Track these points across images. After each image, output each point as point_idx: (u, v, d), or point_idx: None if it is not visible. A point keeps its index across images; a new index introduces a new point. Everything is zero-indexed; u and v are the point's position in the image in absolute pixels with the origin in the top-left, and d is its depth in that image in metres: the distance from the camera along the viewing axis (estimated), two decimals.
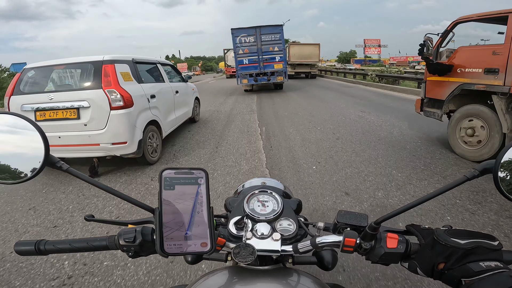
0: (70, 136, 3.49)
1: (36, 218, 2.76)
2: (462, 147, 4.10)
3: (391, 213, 0.53)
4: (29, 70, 3.76)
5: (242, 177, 3.52)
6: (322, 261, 0.67)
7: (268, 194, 0.72)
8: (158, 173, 0.50)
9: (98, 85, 3.46)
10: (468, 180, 0.48)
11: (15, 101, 3.58)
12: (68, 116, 3.45)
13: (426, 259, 0.51)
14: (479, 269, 0.45)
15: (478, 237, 0.49)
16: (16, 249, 0.57)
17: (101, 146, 3.52)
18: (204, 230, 0.49)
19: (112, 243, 0.56)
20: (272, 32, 12.33)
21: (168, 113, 4.95)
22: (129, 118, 3.57)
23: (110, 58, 3.67)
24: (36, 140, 0.50)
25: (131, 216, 2.72)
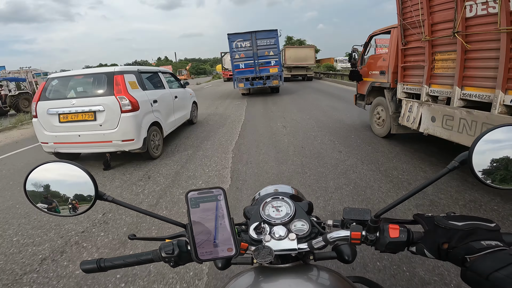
0: (88, 134, 4.27)
1: None
2: (376, 127, 5.70)
3: (388, 206, 0.59)
4: (53, 79, 4.55)
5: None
6: (342, 255, 0.70)
7: (280, 200, 0.78)
8: (184, 196, 0.59)
9: (111, 92, 4.23)
10: (451, 171, 0.52)
11: (42, 106, 4.34)
12: (87, 118, 4.22)
13: (431, 241, 0.56)
14: (480, 247, 0.48)
15: (475, 220, 0.54)
16: (82, 268, 0.67)
17: (113, 142, 4.29)
18: (228, 237, 0.56)
19: (156, 256, 0.65)
20: (267, 37, 12.63)
21: (168, 115, 5.71)
22: (136, 119, 4.34)
23: (119, 70, 4.48)
24: (86, 180, 0.63)
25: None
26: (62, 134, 4.35)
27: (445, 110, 3.64)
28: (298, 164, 4.23)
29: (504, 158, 0.52)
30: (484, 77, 3.21)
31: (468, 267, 0.48)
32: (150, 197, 3.46)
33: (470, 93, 3.34)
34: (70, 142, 4.37)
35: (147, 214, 0.65)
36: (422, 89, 4.12)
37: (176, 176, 4.06)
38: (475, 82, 3.28)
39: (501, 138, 0.52)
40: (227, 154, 4.91)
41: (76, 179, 0.62)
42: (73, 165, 0.63)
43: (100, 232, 2.76)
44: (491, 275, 0.43)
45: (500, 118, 2.97)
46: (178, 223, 0.65)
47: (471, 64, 3.31)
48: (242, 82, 13.05)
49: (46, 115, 4.33)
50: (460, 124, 3.43)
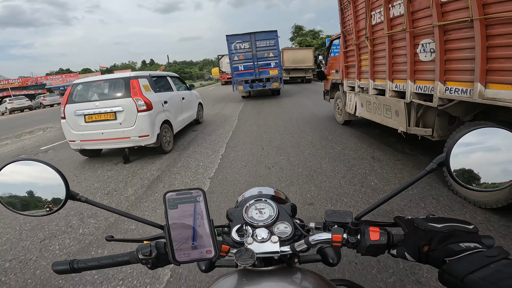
0: (110, 132, 4.95)
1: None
2: (337, 116, 6.85)
3: (368, 208, 0.60)
4: (77, 84, 5.28)
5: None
6: (326, 258, 0.71)
7: (264, 202, 0.78)
8: (162, 197, 0.58)
9: (128, 95, 4.92)
10: (429, 173, 0.54)
11: (69, 108, 5.03)
12: (108, 118, 4.91)
13: (411, 243, 0.56)
14: (459, 249, 0.49)
15: (454, 222, 0.55)
16: (54, 269, 0.65)
17: (131, 138, 4.96)
18: (207, 239, 0.56)
19: (132, 258, 0.65)
20: (267, 38, 12.34)
21: (177, 115, 6.38)
22: (150, 117, 5.01)
23: (134, 75, 5.19)
24: (56, 179, 0.61)
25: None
26: (87, 133, 5.00)
27: (366, 97, 4.78)
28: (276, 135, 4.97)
29: (477, 160, 0.54)
30: (382, 71, 4.19)
31: (445, 270, 0.48)
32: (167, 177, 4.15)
33: (377, 84, 4.42)
34: (95, 140, 5.03)
35: (122, 215, 0.64)
36: (355, 82, 5.21)
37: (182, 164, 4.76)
38: (379, 75, 4.34)
39: (474, 141, 0.53)
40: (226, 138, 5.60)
41: (46, 178, 0.61)
42: (43, 164, 0.62)
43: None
44: (466, 277, 0.43)
45: (390, 100, 3.97)
46: (155, 224, 0.64)
47: (377, 62, 4.34)
48: (241, 84, 12.84)
49: (73, 116, 5.00)
50: (374, 107, 4.53)
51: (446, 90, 2.85)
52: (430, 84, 3.08)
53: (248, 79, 12.71)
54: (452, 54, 2.74)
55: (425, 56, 3.08)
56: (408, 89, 3.44)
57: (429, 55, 3.02)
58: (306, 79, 22.03)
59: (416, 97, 3.40)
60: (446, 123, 3.26)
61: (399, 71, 3.69)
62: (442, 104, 2.95)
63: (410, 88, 3.41)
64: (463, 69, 2.62)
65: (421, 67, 3.20)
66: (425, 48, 3.05)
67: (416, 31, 3.16)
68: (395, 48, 3.71)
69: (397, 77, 3.78)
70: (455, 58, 2.71)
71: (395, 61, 3.74)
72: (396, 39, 3.64)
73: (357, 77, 5.04)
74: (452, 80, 2.78)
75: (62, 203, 0.62)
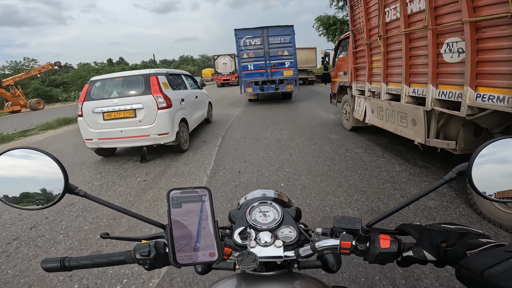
0: (129, 130, 4.83)
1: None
2: (344, 121, 6.36)
3: (381, 216, 0.57)
4: (95, 81, 5.10)
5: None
6: (327, 264, 0.69)
7: (268, 204, 0.75)
8: (166, 194, 0.55)
9: (149, 92, 4.82)
10: (447, 183, 0.51)
11: (87, 105, 4.89)
12: (128, 115, 4.81)
13: (428, 242, 0.55)
14: (480, 243, 0.48)
15: (465, 226, 0.55)
16: (43, 266, 0.61)
17: (151, 136, 4.86)
18: (211, 241, 0.53)
19: (129, 257, 0.61)
20: (282, 34, 10.74)
21: (192, 113, 6.30)
22: (170, 115, 4.92)
23: (154, 72, 5.08)
24: (56, 170, 0.57)
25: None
26: (106, 131, 4.83)
27: (378, 102, 4.31)
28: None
29: (501, 171, 0.52)
30: (397, 74, 3.74)
31: (462, 265, 0.47)
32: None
33: (391, 88, 3.96)
34: (113, 138, 4.89)
35: (122, 212, 0.60)
36: (365, 86, 4.72)
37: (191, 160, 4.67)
38: (393, 78, 3.88)
39: (499, 151, 0.51)
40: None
41: (44, 169, 0.57)
42: (42, 153, 0.58)
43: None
44: (485, 272, 0.42)
45: (406, 107, 3.51)
46: (157, 223, 0.60)
47: (391, 63, 3.89)
48: (250, 86, 11.14)
49: (91, 114, 4.84)
50: (386, 114, 4.08)
51: (478, 97, 2.45)
52: (456, 89, 2.70)
53: (259, 80, 11.10)
54: (486, 55, 2.39)
55: (451, 57, 2.76)
56: (429, 95, 3.04)
57: (456, 55, 2.69)
58: (309, 80, 21.34)
59: (438, 104, 2.99)
60: (472, 135, 2.88)
61: (418, 74, 3.35)
62: (472, 113, 2.53)
63: (432, 94, 3.01)
64: (500, 72, 2.28)
65: (446, 69, 2.87)
66: (451, 48, 2.74)
67: (440, 28, 2.83)
68: (413, 48, 3.38)
69: (415, 81, 3.39)
70: (489, 59, 2.36)
71: (413, 62, 3.40)
72: (415, 37, 3.31)
73: (368, 80, 4.59)
74: (485, 86, 2.40)
75: (59, 196, 0.58)
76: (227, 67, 27.26)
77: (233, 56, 25.93)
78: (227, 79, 27.13)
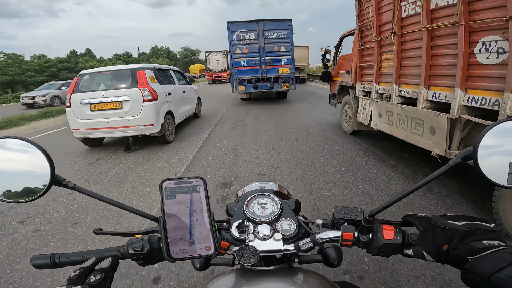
0: (115, 120, 4.72)
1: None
2: (344, 124, 5.77)
3: (383, 205, 0.54)
4: (84, 74, 5.02)
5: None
6: (328, 259, 0.67)
7: (267, 196, 0.73)
8: (159, 185, 0.51)
9: (135, 85, 4.69)
10: (451, 168, 0.49)
11: (75, 97, 4.78)
12: (114, 107, 4.69)
13: (430, 242, 0.51)
14: (482, 247, 0.45)
15: (473, 220, 0.51)
16: (33, 263, 0.58)
17: (136, 127, 4.74)
18: (206, 234, 0.50)
19: (122, 252, 0.58)
20: (279, 28, 9.78)
21: (179, 106, 6.12)
22: (155, 107, 4.79)
23: (141, 66, 4.97)
24: (42, 161, 0.52)
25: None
26: (92, 121, 4.80)
27: (387, 106, 3.77)
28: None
29: (508, 154, 0.48)
30: (414, 75, 3.24)
31: (468, 269, 0.45)
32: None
33: (404, 90, 3.46)
34: (100, 128, 4.81)
35: (113, 204, 0.57)
36: (372, 87, 4.18)
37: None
38: (407, 80, 3.39)
39: (508, 133, 0.48)
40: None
41: (28, 159, 0.53)
42: (26, 142, 0.53)
43: None
44: (493, 276, 0.41)
45: (424, 113, 3.04)
46: (150, 216, 0.57)
47: (405, 63, 3.39)
48: (243, 84, 10.08)
49: (79, 105, 4.76)
50: (397, 119, 3.56)
51: None
52: (492, 95, 2.30)
53: (252, 77, 10.03)
54: None
55: (488, 58, 2.37)
56: (456, 101, 2.59)
57: (494, 56, 2.30)
58: (301, 79, 20.63)
59: (466, 111, 2.58)
60: None
61: (441, 76, 2.87)
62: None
63: (460, 99, 2.57)
64: None
65: (479, 71, 2.46)
66: (488, 48, 2.35)
67: (475, 25, 2.43)
68: (436, 47, 2.92)
69: (437, 84, 2.92)
70: None
71: (436, 62, 2.93)
72: (439, 35, 2.86)
73: (375, 81, 4.08)
74: None
75: (45, 188, 0.53)
76: (219, 64, 26.57)
77: (226, 53, 25.25)
78: (219, 76, 26.52)
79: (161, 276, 1.97)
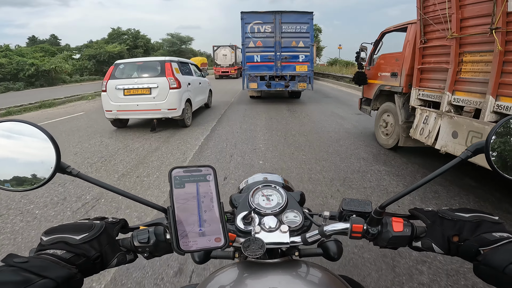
0: (144, 104, 5.83)
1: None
2: (381, 137, 4.82)
3: (394, 197, 0.53)
4: (119, 64, 6.13)
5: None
6: (328, 252, 0.65)
7: (272, 188, 0.72)
8: (168, 173, 0.50)
9: (163, 74, 5.82)
10: (462, 161, 0.48)
11: (111, 83, 5.85)
12: (144, 92, 5.80)
13: (439, 234, 0.51)
14: (493, 238, 0.46)
15: (479, 213, 0.51)
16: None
17: (162, 110, 5.85)
18: (217, 225, 0.49)
19: (127, 245, 0.55)
20: (298, 21, 8.92)
21: (195, 96, 7.22)
22: (179, 94, 5.91)
23: (169, 59, 6.10)
24: (47, 147, 0.49)
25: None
26: (124, 104, 5.87)
27: (473, 124, 2.88)
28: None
29: None
30: None
31: (481, 261, 0.45)
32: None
33: (507, 105, 2.64)
34: (130, 110, 5.91)
35: (119, 194, 0.53)
36: (443, 96, 3.36)
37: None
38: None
39: None
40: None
41: (34, 144, 0.50)
42: (31, 126, 0.50)
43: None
44: (508, 268, 0.40)
45: None
46: (157, 206, 0.54)
47: (509, 68, 2.65)
48: (255, 81, 9.31)
49: (113, 90, 5.83)
50: None
51: None
52: None
53: (266, 74, 9.22)
54: None
55: None
56: None
57: None
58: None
59: None
60: None
61: None
62: None
63: None
64: None
65: None
66: None
67: None
68: None
69: None
70: None
71: None
72: None
73: (449, 89, 3.29)
74: None
75: (49, 176, 0.50)
76: (227, 58, 26.51)
77: (234, 48, 25.89)
78: (226, 71, 26.32)
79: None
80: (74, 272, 0.43)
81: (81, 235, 0.48)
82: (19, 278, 0.37)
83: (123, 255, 0.53)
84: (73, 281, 0.42)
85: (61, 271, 0.41)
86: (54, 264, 0.41)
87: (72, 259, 0.45)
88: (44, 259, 0.42)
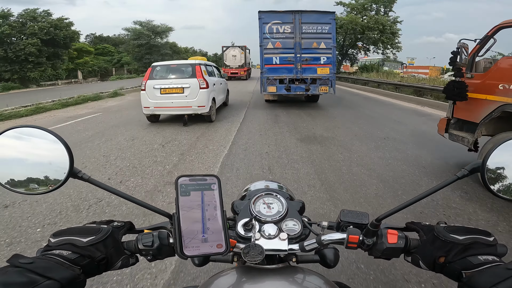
0: (177, 101, 6.73)
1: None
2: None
3: (390, 211, 0.56)
4: (156, 66, 7.07)
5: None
6: (325, 259, 0.66)
7: (273, 196, 0.74)
8: (174, 181, 0.53)
9: (194, 76, 6.74)
10: (459, 179, 0.50)
11: (149, 83, 6.76)
12: (178, 91, 6.71)
13: (428, 253, 0.54)
14: (477, 262, 0.47)
15: (475, 233, 0.52)
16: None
17: (192, 108, 6.76)
18: (219, 232, 0.52)
19: (131, 248, 0.57)
20: (319, 22, 8.58)
21: (218, 95, 8.15)
22: (207, 93, 6.82)
23: (198, 62, 7.07)
24: (61, 153, 0.52)
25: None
26: (160, 101, 6.78)
27: None
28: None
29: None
30: None
31: (465, 283, 0.47)
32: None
33: None
34: (165, 107, 6.85)
35: (126, 199, 0.56)
36: None
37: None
38: None
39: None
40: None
41: (47, 149, 0.52)
42: (47, 132, 0.52)
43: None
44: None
45: None
46: (162, 211, 0.57)
47: None
48: (273, 84, 8.85)
49: (152, 89, 6.73)
50: None
51: None
52: None
53: (285, 77, 8.80)
54: None
55: None
56: None
57: None
58: None
59: None
60: None
61: None
62: None
63: None
64: None
65: None
66: None
67: None
68: None
69: None
70: None
71: None
72: None
73: None
74: None
75: (63, 180, 0.52)
76: (236, 59, 26.60)
77: (244, 49, 26.29)
78: (236, 72, 26.22)
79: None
80: (78, 273, 0.45)
81: (88, 238, 0.50)
82: (24, 279, 0.38)
83: (127, 258, 0.55)
84: (76, 282, 0.44)
85: (65, 272, 0.43)
86: (58, 265, 0.43)
87: (77, 260, 0.47)
88: (49, 260, 0.44)
